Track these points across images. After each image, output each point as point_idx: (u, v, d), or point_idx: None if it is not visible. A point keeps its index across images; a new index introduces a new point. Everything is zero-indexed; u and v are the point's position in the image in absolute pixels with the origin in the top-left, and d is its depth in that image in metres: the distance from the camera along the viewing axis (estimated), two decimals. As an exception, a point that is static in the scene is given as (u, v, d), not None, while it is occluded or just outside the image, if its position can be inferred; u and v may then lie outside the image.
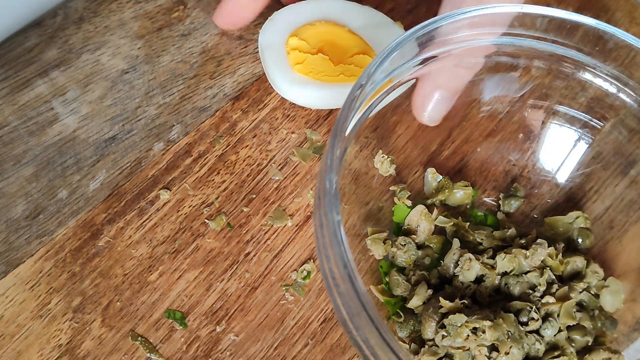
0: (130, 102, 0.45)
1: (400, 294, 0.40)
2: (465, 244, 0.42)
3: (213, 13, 0.48)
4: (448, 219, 0.43)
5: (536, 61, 0.41)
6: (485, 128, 0.45)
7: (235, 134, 0.45)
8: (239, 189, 0.43)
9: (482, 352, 0.37)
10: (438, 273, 0.41)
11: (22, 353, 0.37)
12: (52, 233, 0.41)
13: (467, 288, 0.40)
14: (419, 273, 0.41)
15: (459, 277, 0.40)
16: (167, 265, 0.41)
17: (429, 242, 0.43)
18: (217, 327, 0.39)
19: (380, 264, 0.42)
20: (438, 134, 0.45)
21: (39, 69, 0.45)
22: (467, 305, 0.38)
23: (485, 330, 0.36)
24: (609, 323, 0.40)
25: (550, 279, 0.40)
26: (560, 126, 0.44)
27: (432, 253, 0.42)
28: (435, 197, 0.44)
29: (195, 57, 0.48)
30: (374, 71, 0.34)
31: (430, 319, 0.38)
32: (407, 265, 0.42)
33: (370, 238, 0.42)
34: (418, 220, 0.43)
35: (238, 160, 0.44)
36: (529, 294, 0.39)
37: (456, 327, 0.37)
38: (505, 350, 0.37)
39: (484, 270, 0.40)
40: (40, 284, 0.39)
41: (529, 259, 0.40)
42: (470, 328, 0.37)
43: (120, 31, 0.48)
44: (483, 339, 0.36)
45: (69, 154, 0.43)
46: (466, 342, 0.36)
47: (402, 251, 0.41)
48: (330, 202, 0.30)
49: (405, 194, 0.43)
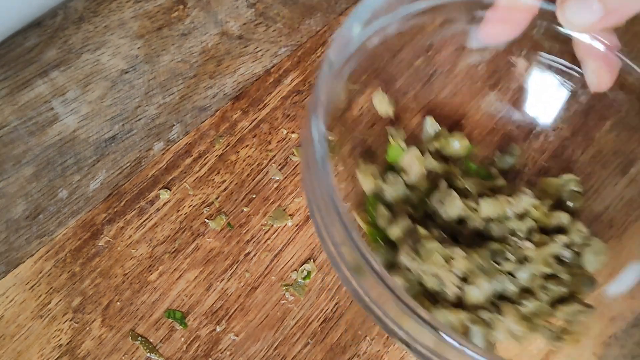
0: (130, 102, 0.45)
1: (383, 225, 0.41)
2: (454, 190, 0.42)
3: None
4: (440, 164, 0.43)
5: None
6: (477, 83, 0.46)
7: (236, 134, 0.45)
8: (239, 189, 0.43)
9: (452, 282, 0.37)
10: (424, 212, 0.41)
11: (22, 353, 0.37)
12: (52, 233, 0.41)
13: (449, 226, 0.40)
14: (404, 207, 0.41)
15: (441, 215, 0.40)
16: (167, 265, 0.41)
17: (419, 185, 0.43)
18: (217, 327, 0.39)
19: (369, 198, 0.42)
20: (438, 86, 0.45)
21: (39, 69, 0.45)
22: (444, 237, 0.39)
23: (457, 259, 0.37)
24: (587, 280, 0.40)
25: (532, 227, 0.40)
26: (542, 73, 0.44)
27: (420, 195, 0.43)
28: (431, 143, 0.44)
29: (195, 56, 0.48)
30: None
31: (406, 245, 0.38)
32: (394, 201, 0.42)
33: (361, 170, 0.42)
34: (411, 162, 0.43)
35: (238, 160, 0.44)
36: (509, 238, 0.40)
37: (429, 252, 0.37)
38: (475, 282, 0.37)
39: (466, 211, 0.40)
40: (41, 284, 0.39)
41: (513, 205, 0.40)
42: (442, 256, 0.37)
43: (120, 31, 0.48)
44: (454, 268, 0.37)
45: (69, 154, 0.43)
46: (437, 268, 0.37)
47: (390, 187, 0.42)
48: (316, 128, 0.31)
49: (401, 135, 0.44)
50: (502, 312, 0.38)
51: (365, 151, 0.43)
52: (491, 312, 0.38)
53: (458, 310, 0.37)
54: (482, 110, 0.46)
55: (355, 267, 0.31)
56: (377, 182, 0.42)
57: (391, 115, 0.44)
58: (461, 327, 0.37)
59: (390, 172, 0.43)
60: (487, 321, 0.37)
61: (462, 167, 0.45)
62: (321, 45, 0.49)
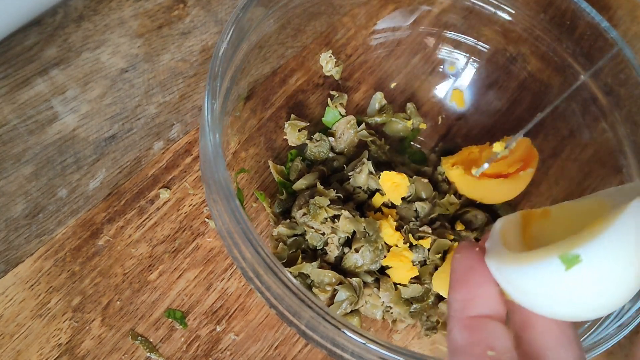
0: (130, 101, 0.45)
1: (293, 178, 0.42)
2: (379, 164, 0.43)
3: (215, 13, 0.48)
4: (373, 136, 0.44)
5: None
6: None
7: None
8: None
9: (334, 241, 0.38)
10: (339, 178, 0.42)
11: (22, 352, 0.37)
12: (51, 232, 0.40)
13: (356, 194, 0.41)
14: (319, 167, 0.42)
15: (350, 181, 0.41)
16: (167, 264, 0.40)
17: (347, 153, 0.44)
18: (217, 327, 0.39)
19: (291, 151, 0.43)
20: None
21: (39, 67, 0.45)
22: (340, 199, 0.39)
23: (342, 220, 0.38)
24: None
25: (429, 213, 0.41)
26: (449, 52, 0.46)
27: (343, 161, 0.43)
28: (373, 118, 0.45)
29: (195, 55, 0.48)
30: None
31: (301, 198, 0.40)
32: (315, 160, 0.43)
33: (290, 123, 0.43)
34: (344, 128, 0.44)
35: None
36: (410, 220, 0.41)
37: (317, 207, 0.38)
38: (357, 247, 0.38)
39: (378, 185, 0.41)
40: (40, 283, 0.39)
41: (425, 191, 0.42)
42: (330, 214, 0.38)
43: (120, 30, 0.47)
44: (337, 227, 0.38)
45: (68, 153, 0.43)
46: (321, 225, 0.38)
47: (314, 145, 0.43)
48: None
49: (342, 100, 0.45)
50: (379, 286, 0.38)
51: (297, 105, 0.44)
52: (366, 281, 0.38)
53: (331, 270, 0.38)
54: (423, 95, 0.47)
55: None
56: (302, 137, 0.43)
57: (337, 78, 0.45)
58: (332, 289, 0.38)
59: (319, 133, 0.44)
60: (355, 287, 0.38)
61: (403, 149, 0.46)
62: (325, 46, 0.49)
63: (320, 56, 0.45)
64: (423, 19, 0.46)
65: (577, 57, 0.42)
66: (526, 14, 0.43)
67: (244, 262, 0.31)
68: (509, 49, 0.45)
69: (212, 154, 0.31)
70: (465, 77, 0.47)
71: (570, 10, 0.41)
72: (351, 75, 0.47)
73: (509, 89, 0.46)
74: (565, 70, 0.43)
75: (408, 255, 0.39)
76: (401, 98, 0.47)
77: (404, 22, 0.46)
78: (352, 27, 0.47)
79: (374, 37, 0.47)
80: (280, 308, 0.31)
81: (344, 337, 0.28)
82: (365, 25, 0.47)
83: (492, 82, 0.46)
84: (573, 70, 0.43)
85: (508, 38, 0.45)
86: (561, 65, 0.43)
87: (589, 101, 0.42)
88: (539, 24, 0.43)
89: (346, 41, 0.47)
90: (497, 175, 0.41)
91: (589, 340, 0.33)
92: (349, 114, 0.45)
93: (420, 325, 0.40)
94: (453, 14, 0.45)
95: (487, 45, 0.46)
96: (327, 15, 0.50)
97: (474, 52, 0.46)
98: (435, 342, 0.40)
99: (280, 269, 0.29)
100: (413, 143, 0.47)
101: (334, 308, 0.37)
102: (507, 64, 0.46)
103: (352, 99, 0.46)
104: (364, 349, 0.28)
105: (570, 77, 0.43)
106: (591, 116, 0.42)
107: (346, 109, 0.45)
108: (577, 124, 0.43)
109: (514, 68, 0.46)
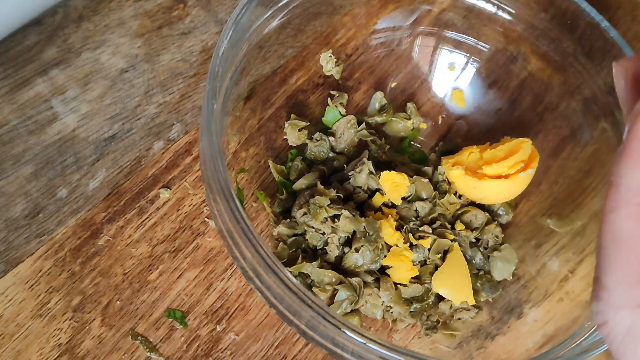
0: (130, 101, 0.45)
1: (293, 177, 0.42)
2: (379, 164, 0.43)
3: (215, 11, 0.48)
4: (373, 136, 0.44)
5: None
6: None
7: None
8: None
9: (334, 241, 0.38)
10: (339, 178, 0.42)
11: (22, 352, 0.37)
12: (51, 232, 0.40)
13: (356, 194, 0.41)
14: (319, 167, 0.42)
15: (350, 181, 0.41)
16: (167, 264, 0.40)
17: (347, 152, 0.44)
18: (218, 326, 0.39)
19: (291, 151, 0.43)
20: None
21: (39, 67, 0.45)
22: (340, 198, 0.39)
23: (342, 219, 0.38)
24: (488, 286, 0.41)
25: (430, 212, 0.41)
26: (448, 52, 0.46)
27: (343, 161, 0.43)
28: (373, 118, 0.45)
29: (195, 55, 0.48)
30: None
31: (301, 198, 0.40)
32: (315, 159, 0.43)
33: (290, 122, 0.43)
34: (344, 128, 0.44)
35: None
36: (410, 220, 0.41)
37: (317, 207, 0.38)
38: (357, 247, 0.38)
39: (378, 185, 0.41)
40: (40, 283, 0.39)
41: (425, 191, 0.41)
42: (330, 214, 0.38)
43: (120, 30, 0.47)
44: (337, 226, 0.38)
45: (68, 153, 0.43)
46: (321, 224, 0.38)
47: (314, 144, 0.43)
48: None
49: (342, 100, 0.45)
50: (380, 286, 0.38)
51: (297, 105, 0.44)
52: (366, 281, 0.38)
53: (331, 270, 0.38)
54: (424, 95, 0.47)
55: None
56: (302, 137, 0.43)
57: (336, 78, 0.45)
58: (332, 288, 0.38)
59: (319, 132, 0.43)
60: (355, 287, 0.38)
61: (403, 149, 0.46)
62: (325, 46, 0.49)
63: (320, 56, 0.45)
64: (423, 19, 0.46)
65: (578, 57, 0.42)
66: (526, 13, 0.43)
67: (244, 262, 0.31)
68: (509, 49, 0.45)
69: (212, 154, 0.31)
70: (466, 77, 0.47)
71: (571, 10, 0.41)
72: (351, 75, 0.47)
73: (509, 89, 0.46)
74: (566, 70, 0.43)
75: (408, 255, 0.39)
76: (401, 98, 0.47)
77: (404, 22, 0.46)
78: (352, 27, 0.47)
79: (374, 36, 0.47)
80: (280, 308, 0.31)
81: (344, 337, 0.28)
82: (365, 25, 0.47)
83: (493, 82, 0.46)
84: (573, 69, 0.43)
85: (508, 37, 0.45)
86: (562, 64, 0.43)
87: (590, 100, 0.42)
88: (540, 24, 0.43)
89: (346, 41, 0.47)
90: (498, 176, 0.41)
91: (589, 340, 0.33)
92: (349, 113, 0.45)
93: (421, 324, 0.40)
94: (453, 13, 0.45)
95: (488, 45, 0.46)
96: (327, 15, 0.50)
97: (474, 51, 0.46)
98: (435, 341, 0.40)
99: (280, 269, 0.29)
100: (413, 143, 0.46)
101: (334, 308, 0.37)
102: (508, 63, 0.46)
103: (352, 98, 0.46)
104: (364, 348, 0.28)
105: (570, 76, 0.43)
106: (592, 115, 0.42)
107: (346, 109, 0.45)
108: (578, 123, 0.43)
109: (515, 68, 0.45)
